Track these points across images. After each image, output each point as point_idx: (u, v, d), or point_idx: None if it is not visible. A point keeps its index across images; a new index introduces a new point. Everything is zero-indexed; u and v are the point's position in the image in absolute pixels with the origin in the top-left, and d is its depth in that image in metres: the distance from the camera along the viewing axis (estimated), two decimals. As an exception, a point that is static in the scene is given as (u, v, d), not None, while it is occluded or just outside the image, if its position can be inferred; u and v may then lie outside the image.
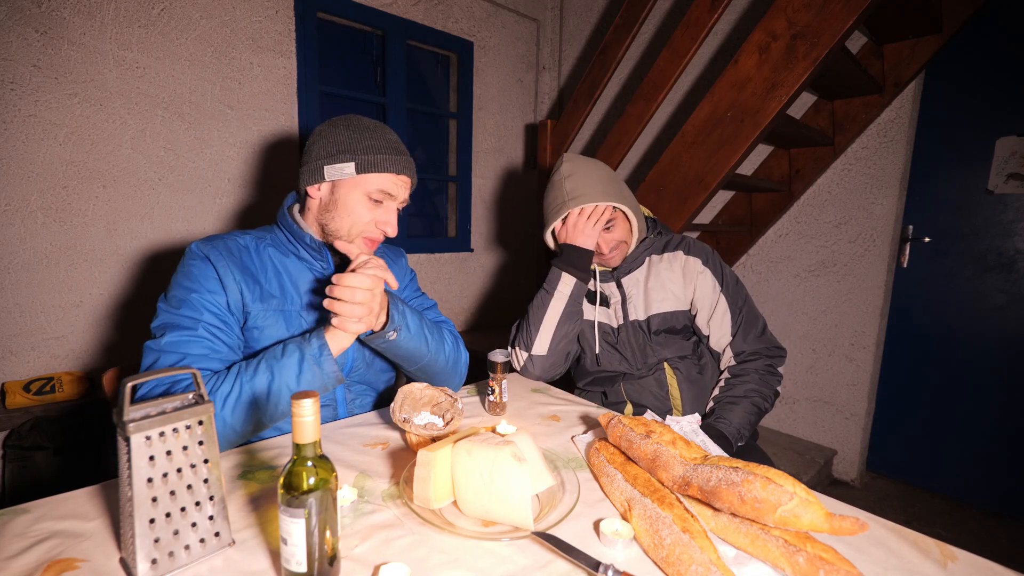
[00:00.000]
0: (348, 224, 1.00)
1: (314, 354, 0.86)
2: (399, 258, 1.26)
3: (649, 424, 0.78)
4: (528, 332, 1.27)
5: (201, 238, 1.00)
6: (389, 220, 1.02)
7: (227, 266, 0.95)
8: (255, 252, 1.01)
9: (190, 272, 0.94)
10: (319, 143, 1.00)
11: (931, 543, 0.65)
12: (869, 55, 2.02)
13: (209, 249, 0.96)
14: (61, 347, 1.89)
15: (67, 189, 1.83)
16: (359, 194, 0.99)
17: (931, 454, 2.23)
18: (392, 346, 0.97)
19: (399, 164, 1.00)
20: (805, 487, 0.59)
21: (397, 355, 1.01)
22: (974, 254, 2.08)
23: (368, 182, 0.99)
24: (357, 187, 0.99)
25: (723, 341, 1.26)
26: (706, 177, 1.69)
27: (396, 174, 1.00)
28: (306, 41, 2.29)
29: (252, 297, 0.96)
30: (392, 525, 0.67)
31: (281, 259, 1.03)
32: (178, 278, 0.94)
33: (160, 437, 0.56)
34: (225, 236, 1.01)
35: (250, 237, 1.03)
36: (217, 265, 0.94)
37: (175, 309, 0.90)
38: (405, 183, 1.04)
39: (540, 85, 3.27)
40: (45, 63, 1.74)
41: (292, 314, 1.00)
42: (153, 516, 0.55)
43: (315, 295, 1.03)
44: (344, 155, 0.98)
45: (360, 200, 0.99)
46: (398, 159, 1.00)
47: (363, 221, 1.00)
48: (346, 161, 0.98)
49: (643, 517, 0.63)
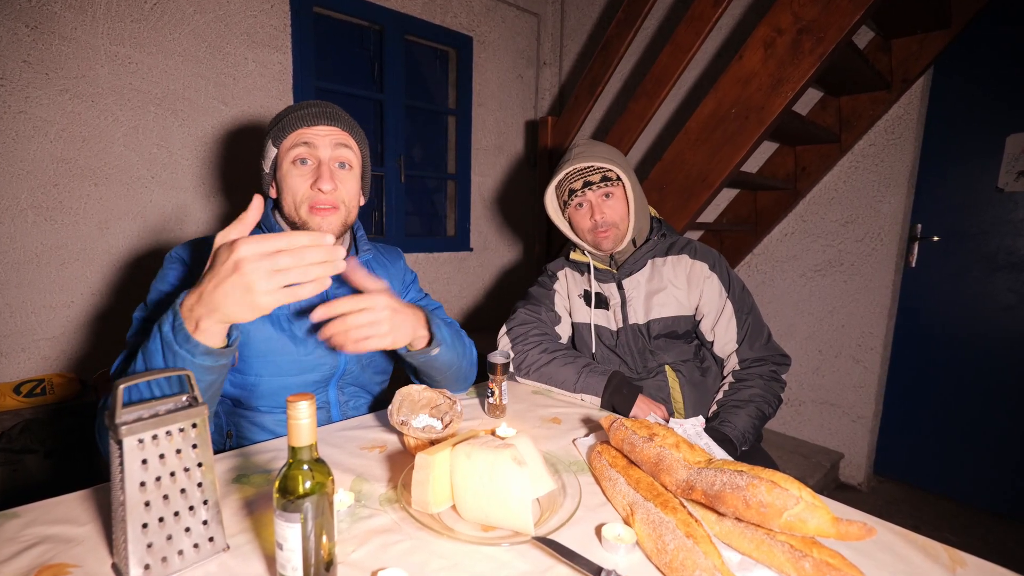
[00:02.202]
0: (291, 201, 0.96)
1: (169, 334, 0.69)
2: (396, 260, 1.23)
3: (652, 427, 0.78)
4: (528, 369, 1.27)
5: (183, 243, 0.99)
6: (319, 176, 0.93)
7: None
8: None
9: (166, 276, 0.94)
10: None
11: (939, 548, 0.65)
12: (876, 50, 2.02)
13: (188, 253, 0.96)
14: (52, 348, 1.89)
15: (58, 187, 1.83)
16: (287, 166, 0.96)
17: (940, 457, 2.23)
18: (432, 360, 0.98)
19: (309, 116, 0.95)
20: (811, 491, 0.58)
21: (433, 367, 1.00)
22: (984, 253, 2.08)
23: (285, 149, 0.96)
24: (283, 161, 0.97)
25: (728, 348, 1.25)
26: (710, 175, 1.69)
27: (308, 127, 0.95)
28: (302, 36, 2.29)
29: None
30: (390, 530, 0.67)
31: None
32: (155, 283, 0.94)
33: (153, 440, 0.56)
34: (207, 240, 0.99)
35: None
36: (196, 271, 0.93)
37: (148, 311, 0.90)
38: (330, 132, 0.96)
39: (541, 81, 3.27)
40: (35, 58, 1.74)
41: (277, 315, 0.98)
42: (146, 520, 0.55)
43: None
44: (266, 139, 0.99)
45: (289, 171, 0.96)
46: (307, 112, 0.96)
47: (301, 190, 0.95)
48: (267, 144, 0.98)
49: (646, 522, 0.63)
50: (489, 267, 3.20)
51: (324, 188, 0.93)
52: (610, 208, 1.24)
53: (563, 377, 1.22)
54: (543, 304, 1.38)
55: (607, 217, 1.24)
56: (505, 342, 1.33)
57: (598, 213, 1.24)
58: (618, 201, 1.25)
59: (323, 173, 0.94)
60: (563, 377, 1.22)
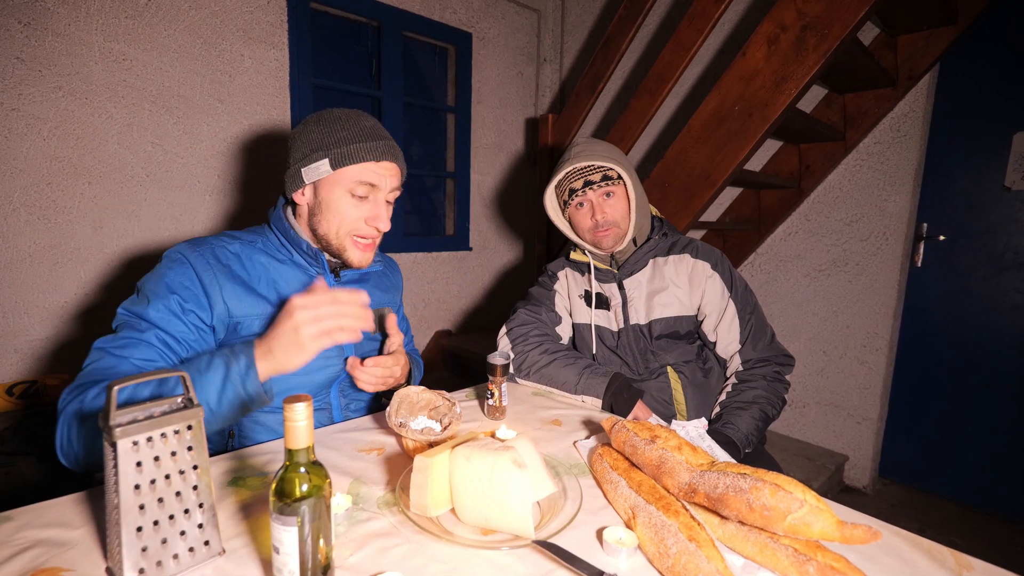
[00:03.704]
0: (336, 225, 0.97)
1: (240, 374, 0.78)
2: (394, 272, 1.26)
3: (654, 429, 0.78)
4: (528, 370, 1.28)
5: (186, 240, 0.96)
6: (378, 214, 0.98)
7: (214, 276, 0.92)
8: (246, 259, 0.97)
9: (164, 276, 0.89)
10: (294, 145, 0.98)
11: (946, 552, 0.65)
12: (882, 47, 2.02)
13: (195, 256, 0.92)
14: (45, 349, 1.89)
15: (51, 186, 1.83)
16: (340, 191, 0.95)
17: (946, 460, 2.23)
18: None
19: (377, 150, 0.95)
20: (815, 494, 0.58)
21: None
22: (990, 253, 2.08)
23: (347, 176, 0.95)
24: (337, 184, 0.95)
25: (731, 348, 1.25)
26: (713, 173, 1.69)
27: (376, 161, 0.96)
28: (299, 32, 2.29)
29: (242, 306, 0.94)
30: (388, 533, 0.67)
31: (275, 266, 1.00)
32: (152, 280, 0.90)
33: (148, 442, 0.56)
34: (212, 241, 0.97)
35: (239, 244, 0.99)
36: (203, 275, 0.91)
37: (138, 308, 0.87)
38: (390, 170, 0.99)
39: (541, 78, 3.27)
40: (28, 55, 1.74)
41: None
42: (140, 524, 0.55)
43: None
44: (317, 153, 0.94)
45: (343, 198, 0.96)
46: (375, 145, 0.95)
47: (351, 220, 0.97)
48: (320, 159, 0.94)
49: (648, 525, 0.63)
50: (489, 267, 3.20)
51: (381, 227, 0.99)
52: (611, 207, 1.24)
53: (564, 378, 1.22)
54: (544, 304, 1.38)
55: (608, 216, 1.23)
56: (505, 343, 1.33)
57: (599, 213, 1.23)
58: (619, 200, 1.24)
59: (381, 214, 0.99)
60: (564, 378, 1.22)
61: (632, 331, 1.30)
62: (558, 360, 1.25)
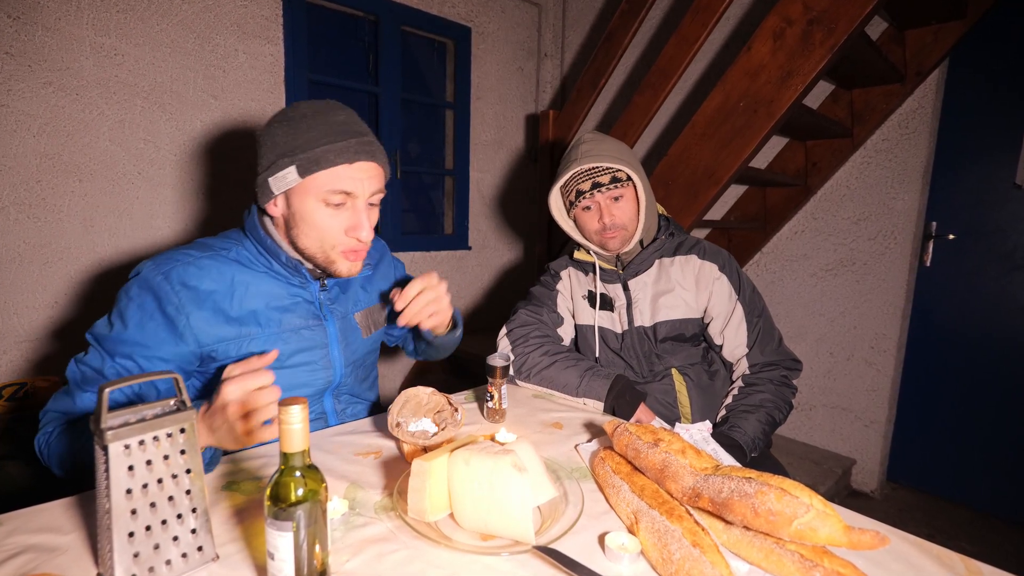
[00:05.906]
0: (317, 241, 0.90)
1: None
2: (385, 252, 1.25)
3: (657, 432, 0.78)
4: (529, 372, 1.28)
5: (153, 259, 0.89)
6: (358, 223, 0.90)
7: (178, 306, 0.86)
8: (217, 275, 0.90)
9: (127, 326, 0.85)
10: (260, 151, 0.90)
11: (955, 557, 0.65)
12: (890, 42, 2.02)
13: (159, 282, 0.86)
14: (35, 351, 1.89)
15: (41, 183, 1.83)
16: (313, 202, 0.87)
17: (955, 463, 2.23)
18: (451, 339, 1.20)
19: (349, 150, 0.86)
20: (822, 499, 0.59)
21: (445, 347, 1.24)
22: (1001, 252, 2.08)
23: (317, 184, 0.86)
24: (308, 194, 0.87)
25: (738, 352, 1.25)
26: (717, 171, 1.69)
27: (349, 163, 0.87)
28: (294, 27, 2.29)
29: (214, 333, 0.89)
30: (385, 539, 0.67)
31: (250, 278, 0.93)
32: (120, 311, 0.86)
33: (140, 446, 0.56)
34: (179, 258, 0.89)
35: (209, 258, 0.91)
36: (166, 307, 0.85)
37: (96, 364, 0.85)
38: (367, 171, 0.89)
39: (542, 73, 3.27)
40: (18, 50, 1.74)
41: (270, 338, 0.94)
42: (132, 529, 0.55)
43: (294, 313, 0.97)
44: (283, 160, 0.86)
45: (317, 208, 0.88)
46: (347, 145, 0.86)
47: (332, 232, 0.90)
48: (286, 167, 0.85)
49: (651, 530, 0.63)
50: (488, 266, 3.20)
51: (363, 238, 0.91)
52: (620, 210, 1.22)
53: (565, 380, 1.22)
54: (545, 305, 1.38)
55: (616, 220, 1.22)
56: (505, 344, 1.33)
57: (607, 216, 1.22)
58: (628, 203, 1.23)
59: (362, 223, 0.90)
60: (565, 380, 1.22)
61: (636, 333, 1.30)
62: (559, 362, 1.24)
